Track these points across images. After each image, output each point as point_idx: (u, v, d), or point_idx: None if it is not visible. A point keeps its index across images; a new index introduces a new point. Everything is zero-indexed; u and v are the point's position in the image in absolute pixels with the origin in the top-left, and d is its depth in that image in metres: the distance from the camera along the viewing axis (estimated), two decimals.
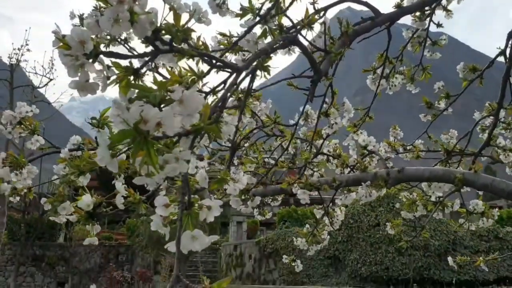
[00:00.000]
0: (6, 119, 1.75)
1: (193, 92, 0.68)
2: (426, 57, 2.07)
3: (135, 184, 1.59)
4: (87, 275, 16.68)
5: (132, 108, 0.61)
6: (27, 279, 16.71)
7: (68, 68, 0.69)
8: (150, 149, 0.62)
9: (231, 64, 0.93)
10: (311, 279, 13.16)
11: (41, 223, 16.49)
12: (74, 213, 0.93)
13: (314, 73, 1.28)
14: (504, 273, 12.03)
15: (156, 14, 0.72)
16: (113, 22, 0.69)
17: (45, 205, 1.59)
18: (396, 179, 1.71)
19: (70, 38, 0.68)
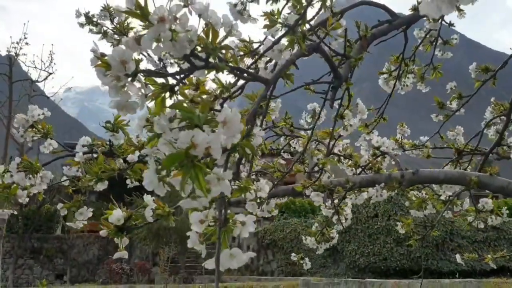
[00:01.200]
0: (18, 123, 1.74)
1: (236, 113, 0.67)
2: (437, 56, 2.06)
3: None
4: (85, 267, 16.69)
5: (182, 133, 0.61)
6: (25, 271, 16.71)
7: (109, 89, 0.68)
8: (198, 174, 0.62)
9: (260, 77, 0.92)
10: (309, 270, 13.22)
11: (39, 215, 16.47)
12: (103, 226, 0.93)
13: (335, 78, 1.27)
14: (501, 263, 12.13)
15: (195, 32, 0.72)
16: (154, 42, 0.68)
17: (61, 211, 1.58)
18: (410, 181, 1.71)
19: (111, 58, 0.67)
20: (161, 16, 0.68)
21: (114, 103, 0.71)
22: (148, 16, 0.70)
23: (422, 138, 2.58)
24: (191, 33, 0.72)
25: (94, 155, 1.82)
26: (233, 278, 13.72)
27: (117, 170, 1.43)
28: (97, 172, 1.40)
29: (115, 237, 0.92)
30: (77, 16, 2.42)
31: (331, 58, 1.21)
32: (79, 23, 2.40)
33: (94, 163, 1.58)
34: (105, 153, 1.72)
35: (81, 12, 2.40)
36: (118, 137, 1.65)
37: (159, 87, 0.79)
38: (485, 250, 12.40)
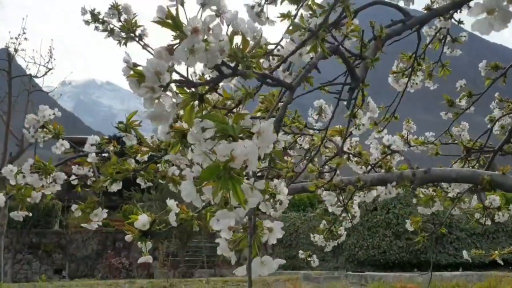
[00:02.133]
0: (29, 123, 1.74)
1: (270, 123, 0.67)
2: (446, 54, 2.07)
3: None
4: (84, 262, 16.71)
5: (220, 146, 0.61)
6: (24, 266, 16.72)
7: (144, 101, 0.68)
8: (235, 185, 0.62)
9: (285, 83, 0.93)
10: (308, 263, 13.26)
11: (37, 210, 16.45)
12: (127, 230, 0.93)
13: (352, 80, 1.27)
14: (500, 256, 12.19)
15: (227, 42, 0.71)
16: (188, 53, 0.68)
17: (75, 212, 1.58)
18: (422, 180, 1.72)
19: (146, 69, 0.67)
20: (195, 27, 0.68)
21: (148, 114, 0.71)
22: (181, 27, 0.70)
23: (427, 134, 2.59)
24: (223, 43, 0.72)
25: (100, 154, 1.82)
26: (230, 272, 13.75)
27: (132, 171, 1.43)
28: (111, 173, 1.40)
29: (140, 242, 0.92)
30: (83, 14, 2.41)
31: (348, 60, 1.21)
32: (84, 21, 2.38)
33: (107, 163, 1.58)
34: (116, 153, 1.72)
35: (87, 10, 2.39)
36: (131, 138, 1.65)
37: (188, 95, 0.79)
38: (483, 242, 12.48)
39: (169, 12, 0.71)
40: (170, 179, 1.62)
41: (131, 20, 2.14)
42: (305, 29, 0.94)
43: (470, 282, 6.07)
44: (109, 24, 2.26)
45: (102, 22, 2.30)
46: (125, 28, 2.17)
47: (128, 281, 9.61)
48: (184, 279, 9.68)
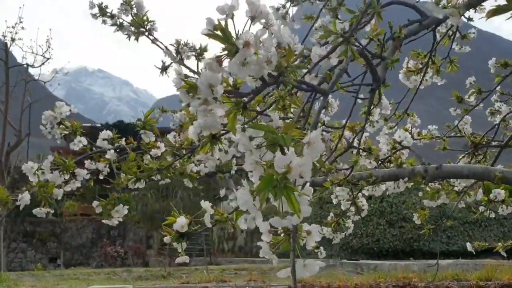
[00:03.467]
0: (46, 119, 1.75)
1: (319, 133, 0.70)
2: (455, 50, 2.09)
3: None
4: (79, 250, 16.74)
5: (277, 158, 0.63)
6: (18, 255, 16.72)
7: (198, 112, 0.71)
8: (290, 195, 0.65)
9: (319, 88, 0.95)
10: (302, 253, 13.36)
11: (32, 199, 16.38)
12: (164, 232, 0.96)
13: (373, 81, 1.30)
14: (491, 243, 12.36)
15: (275, 54, 0.74)
16: (240, 65, 0.70)
17: (96, 208, 1.61)
18: (433, 176, 1.75)
19: (200, 82, 0.69)
20: (247, 41, 0.70)
21: (200, 124, 0.73)
22: (230, 39, 0.72)
23: (430, 127, 2.62)
24: (271, 55, 0.74)
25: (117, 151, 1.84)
26: (227, 260, 13.86)
27: (156, 170, 1.45)
28: (136, 172, 1.42)
29: (177, 243, 0.95)
30: (91, 8, 2.41)
31: (372, 62, 1.24)
32: (92, 14, 2.39)
33: (127, 161, 1.61)
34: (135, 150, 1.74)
35: (95, 4, 2.39)
36: (149, 135, 1.67)
37: (232, 104, 0.81)
38: (475, 231, 12.63)
39: (219, 25, 0.73)
40: (188, 175, 1.64)
41: (142, 15, 2.15)
42: (338, 35, 0.96)
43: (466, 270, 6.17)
44: (118, 18, 2.27)
45: (111, 16, 2.31)
46: (136, 23, 2.18)
47: (125, 269, 9.65)
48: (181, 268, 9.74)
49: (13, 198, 1.39)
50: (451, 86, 2.41)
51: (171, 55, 2.31)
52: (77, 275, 8.27)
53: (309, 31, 1.35)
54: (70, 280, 7.46)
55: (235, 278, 6.96)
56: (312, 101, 1.24)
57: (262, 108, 1.04)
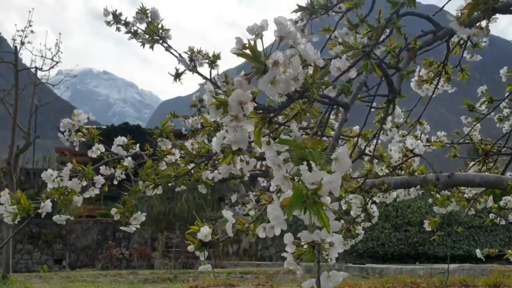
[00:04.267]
0: (64, 127, 1.78)
1: (346, 149, 0.72)
2: (466, 59, 2.11)
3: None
4: (84, 252, 16.79)
5: (307, 175, 0.66)
6: (24, 256, 16.79)
7: (229, 128, 0.73)
8: (320, 211, 0.67)
9: (340, 102, 0.97)
10: None
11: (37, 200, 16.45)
12: (187, 240, 0.98)
13: (390, 92, 1.32)
14: (496, 248, 12.34)
15: (303, 72, 0.76)
16: (269, 84, 0.73)
17: (115, 215, 1.64)
18: (445, 184, 1.77)
19: (231, 99, 0.72)
20: (276, 60, 0.73)
21: (230, 139, 0.75)
22: (259, 59, 0.75)
23: (439, 133, 2.64)
24: (298, 73, 0.76)
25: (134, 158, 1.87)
26: (232, 263, 13.87)
27: (173, 177, 1.48)
28: (154, 179, 1.45)
29: (199, 251, 0.98)
30: (105, 15, 2.44)
31: (389, 74, 1.26)
32: (106, 22, 2.42)
33: (144, 167, 1.64)
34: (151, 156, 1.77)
35: (109, 11, 2.42)
36: (166, 143, 1.70)
37: (258, 119, 0.84)
38: (481, 235, 12.61)
39: (249, 45, 0.75)
40: (203, 181, 1.67)
41: (157, 23, 2.18)
42: (359, 50, 0.99)
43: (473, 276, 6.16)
44: (133, 26, 2.30)
45: (125, 24, 2.34)
46: (151, 32, 2.21)
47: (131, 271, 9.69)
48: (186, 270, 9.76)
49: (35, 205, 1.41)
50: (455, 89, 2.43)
51: (184, 63, 2.34)
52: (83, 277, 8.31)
53: (326, 43, 1.37)
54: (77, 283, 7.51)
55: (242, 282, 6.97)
56: (329, 112, 1.27)
57: (283, 120, 1.07)
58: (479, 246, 12.53)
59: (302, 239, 0.75)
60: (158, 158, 1.78)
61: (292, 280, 7.29)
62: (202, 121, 1.82)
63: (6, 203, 1.48)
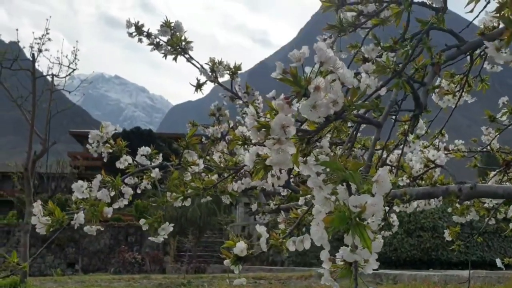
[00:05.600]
0: (93, 139, 1.82)
1: (386, 172, 0.75)
2: (486, 69, 2.12)
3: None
4: (97, 256, 16.91)
5: (352, 197, 0.68)
6: (37, 260, 16.94)
7: (272, 151, 0.76)
8: (363, 233, 0.70)
9: (373, 121, 1.00)
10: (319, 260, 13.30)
11: None
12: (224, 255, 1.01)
13: (416, 107, 1.34)
14: (511, 254, 12.24)
15: (342, 96, 0.79)
16: (310, 108, 0.76)
17: (143, 226, 1.67)
18: (468, 195, 1.78)
19: (274, 123, 0.75)
20: (317, 85, 0.76)
21: (273, 161, 0.78)
22: (301, 84, 0.78)
23: (457, 142, 2.65)
24: (338, 97, 0.79)
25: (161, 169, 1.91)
26: (244, 268, 13.87)
27: (202, 189, 1.51)
28: (183, 191, 1.48)
29: (235, 266, 1.00)
30: (128, 27, 2.49)
31: (416, 90, 1.28)
32: (128, 33, 2.46)
33: (171, 178, 1.67)
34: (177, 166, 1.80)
35: (132, 23, 2.47)
36: (192, 154, 1.73)
37: (297, 140, 0.86)
38: (495, 241, 12.52)
39: (291, 70, 0.78)
40: (229, 193, 1.70)
41: (180, 36, 2.22)
42: (391, 69, 1.01)
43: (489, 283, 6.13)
44: (155, 38, 2.35)
45: (147, 35, 2.38)
46: (173, 43, 2.25)
47: (144, 276, 9.74)
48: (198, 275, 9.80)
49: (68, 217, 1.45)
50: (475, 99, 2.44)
51: (206, 74, 2.38)
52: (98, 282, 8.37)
53: (353, 58, 1.40)
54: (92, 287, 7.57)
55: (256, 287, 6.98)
56: (358, 128, 1.30)
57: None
58: (492, 252, 12.45)
59: (344, 258, 0.77)
60: (183, 168, 1.81)
61: (306, 285, 7.29)
62: (230, 135, 1.86)
63: (39, 214, 1.52)
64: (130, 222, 17.28)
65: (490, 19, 1.72)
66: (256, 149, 0.95)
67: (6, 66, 6.35)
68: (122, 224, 17.30)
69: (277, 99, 0.82)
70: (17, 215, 17.66)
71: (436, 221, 12.69)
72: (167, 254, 16.10)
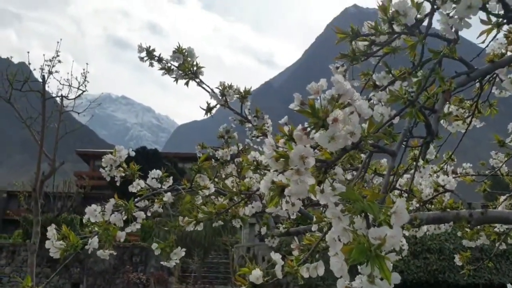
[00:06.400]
0: (106, 163, 1.84)
1: (404, 204, 0.76)
2: (495, 94, 2.14)
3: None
4: (101, 276, 16.82)
5: (372, 230, 0.70)
6: (42, 279, 16.85)
7: (292, 181, 0.78)
8: (383, 264, 0.71)
9: (388, 149, 1.01)
10: (325, 282, 13.24)
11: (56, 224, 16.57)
12: (239, 282, 1.02)
13: (428, 134, 1.36)
14: None
15: (359, 127, 0.81)
16: (329, 139, 0.78)
17: (155, 251, 1.68)
18: (478, 221, 1.79)
19: (293, 154, 0.77)
20: (335, 117, 0.78)
21: (292, 191, 0.80)
22: (319, 115, 0.80)
23: (465, 165, 2.66)
24: (355, 128, 0.81)
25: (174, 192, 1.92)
26: None
27: (214, 214, 1.52)
28: (196, 216, 1.49)
29: None
30: (140, 51, 2.52)
31: (428, 117, 1.30)
32: (139, 57, 2.50)
33: (183, 202, 1.68)
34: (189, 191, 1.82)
35: (143, 47, 2.51)
36: (204, 178, 1.75)
37: (314, 169, 0.88)
38: (503, 263, 12.38)
39: (309, 102, 0.80)
40: (240, 217, 1.71)
41: (192, 62, 2.26)
42: (404, 99, 1.03)
43: None
44: (167, 63, 2.38)
45: (158, 60, 2.42)
46: (185, 69, 2.29)
47: None
48: None
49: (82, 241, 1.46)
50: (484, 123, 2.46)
51: (216, 98, 2.40)
52: None
53: (364, 85, 1.42)
54: None
55: None
56: (371, 156, 1.31)
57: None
58: (501, 274, 12.30)
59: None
60: (193, 191, 1.83)
61: None
62: (242, 159, 1.87)
63: (53, 238, 1.53)
64: (135, 243, 17.22)
65: (499, 46, 1.74)
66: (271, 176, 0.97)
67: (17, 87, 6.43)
68: (127, 244, 17.23)
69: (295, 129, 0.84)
70: (23, 235, 17.66)
71: (442, 243, 12.58)
72: (171, 275, 16.00)
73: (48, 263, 16.82)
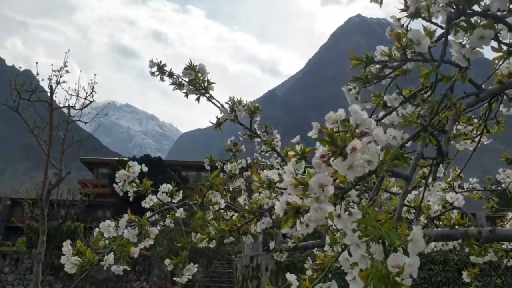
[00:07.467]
0: (120, 178, 1.87)
1: (421, 231, 0.79)
2: (502, 112, 2.16)
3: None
4: (104, 284, 16.82)
5: (391, 258, 0.72)
6: None
7: (311, 209, 0.80)
8: None
9: (402, 174, 1.04)
10: None
11: (60, 232, 16.66)
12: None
13: (438, 155, 1.38)
14: None
15: (376, 155, 0.83)
16: (347, 168, 0.80)
17: (168, 266, 1.70)
18: (487, 239, 1.80)
19: (313, 182, 0.79)
20: (354, 147, 0.80)
21: (311, 218, 0.82)
22: (337, 144, 0.82)
23: (471, 180, 2.67)
24: (372, 156, 0.83)
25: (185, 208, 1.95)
26: None
27: (227, 231, 1.54)
28: (209, 232, 1.51)
29: None
30: (151, 66, 2.56)
31: (439, 140, 1.32)
32: (150, 72, 2.54)
33: (195, 219, 1.71)
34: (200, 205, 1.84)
35: (155, 62, 2.54)
36: (216, 195, 1.77)
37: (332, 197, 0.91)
38: (508, 276, 12.31)
39: (328, 130, 0.83)
40: (251, 234, 1.73)
41: (203, 78, 2.29)
42: (417, 124, 1.06)
43: None
44: (178, 78, 2.42)
45: (169, 75, 2.46)
46: (197, 84, 2.32)
47: None
48: None
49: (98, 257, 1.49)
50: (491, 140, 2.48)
51: (226, 113, 2.44)
52: None
53: (376, 106, 1.45)
54: None
55: None
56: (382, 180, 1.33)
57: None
58: (505, 286, 12.24)
59: None
60: (204, 206, 1.85)
61: None
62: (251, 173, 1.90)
63: (68, 253, 1.56)
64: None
65: (507, 65, 1.77)
66: (286, 197, 0.99)
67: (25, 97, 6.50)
68: None
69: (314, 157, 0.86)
70: (27, 242, 17.69)
71: (447, 254, 12.53)
72: (174, 285, 15.98)
73: (51, 271, 16.84)
